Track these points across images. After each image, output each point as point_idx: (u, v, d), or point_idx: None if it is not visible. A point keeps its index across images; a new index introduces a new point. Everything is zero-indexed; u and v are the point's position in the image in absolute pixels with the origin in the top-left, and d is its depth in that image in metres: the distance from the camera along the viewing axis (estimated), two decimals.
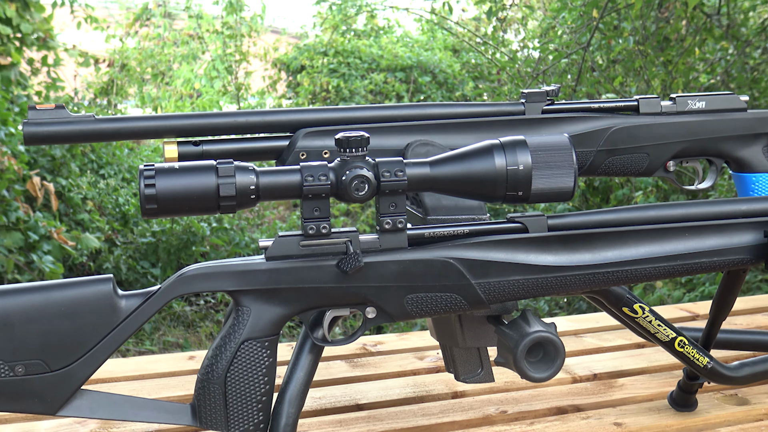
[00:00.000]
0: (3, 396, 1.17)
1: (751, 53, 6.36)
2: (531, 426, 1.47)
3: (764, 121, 1.66)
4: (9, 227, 5.39)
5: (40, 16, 6.87)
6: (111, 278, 1.20)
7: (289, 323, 1.17)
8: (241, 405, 1.20)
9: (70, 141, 1.45)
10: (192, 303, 6.33)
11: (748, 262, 1.28)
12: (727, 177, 4.54)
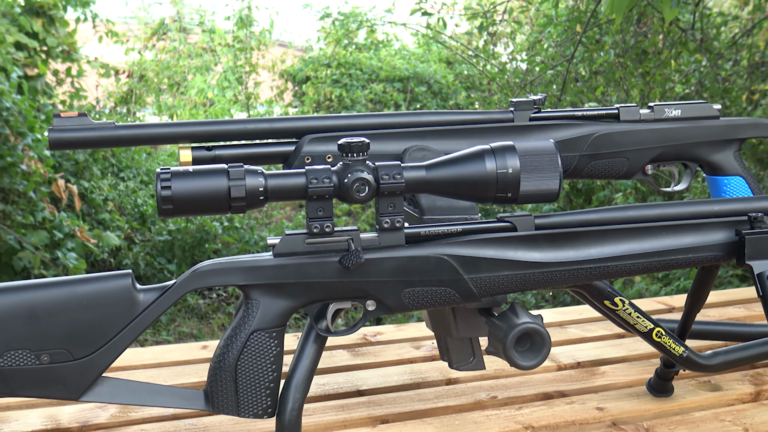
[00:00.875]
0: (29, 383, 1.17)
1: (722, 65, 6.37)
2: (519, 410, 1.47)
3: (735, 127, 1.65)
4: (36, 226, 5.39)
5: (64, 30, 6.87)
6: (130, 273, 1.20)
7: (295, 315, 1.17)
8: (251, 391, 1.20)
9: (92, 146, 1.45)
10: (205, 296, 6.32)
11: (721, 258, 1.28)
12: (701, 180, 4.53)
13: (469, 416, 1.44)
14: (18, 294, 1.18)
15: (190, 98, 10.02)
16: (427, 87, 10.01)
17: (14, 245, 5.13)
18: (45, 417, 1.40)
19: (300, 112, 10.06)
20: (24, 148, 5.32)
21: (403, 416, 1.44)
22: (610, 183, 6.09)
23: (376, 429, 1.39)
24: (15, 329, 1.15)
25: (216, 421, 1.39)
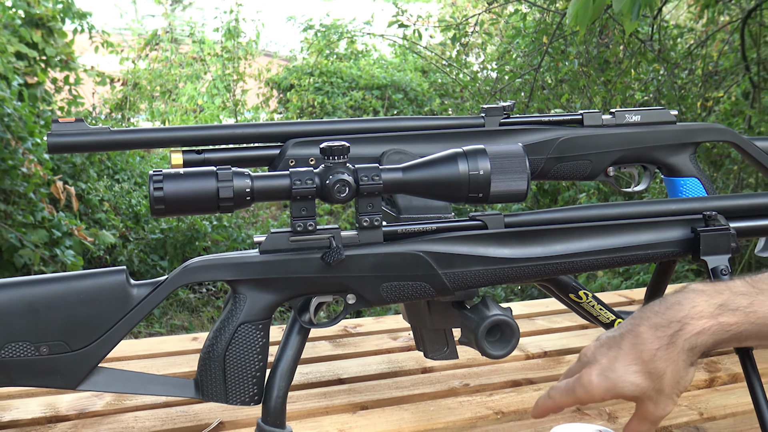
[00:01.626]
0: (30, 373, 1.16)
1: (679, 74, 6.40)
2: (490, 397, 1.47)
3: (690, 132, 1.66)
4: (35, 225, 5.37)
5: (62, 41, 6.85)
6: (124, 269, 1.20)
7: (279, 308, 1.16)
8: (238, 379, 1.20)
9: (89, 150, 1.44)
10: (195, 291, 6.31)
11: (678, 254, 1.28)
12: (659, 181, 4.55)
13: (443, 402, 1.44)
14: (18, 289, 1.17)
15: (181, 105, 10.00)
16: (404, 94, 10.02)
17: (15, 243, 5.11)
18: (44, 405, 1.40)
19: (284, 118, 10.06)
20: (24, 151, 5.31)
21: (382, 403, 1.44)
22: (574, 184, 6.11)
23: (356, 415, 1.39)
24: (16, 322, 1.15)
25: (206, 408, 1.38)
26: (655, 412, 1.03)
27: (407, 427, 1.35)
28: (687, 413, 1.42)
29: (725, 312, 0.99)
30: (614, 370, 1.01)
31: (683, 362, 1.00)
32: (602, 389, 1.02)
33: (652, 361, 1.00)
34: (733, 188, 5.57)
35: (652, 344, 1.00)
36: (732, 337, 1.00)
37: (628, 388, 1.01)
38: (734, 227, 1.26)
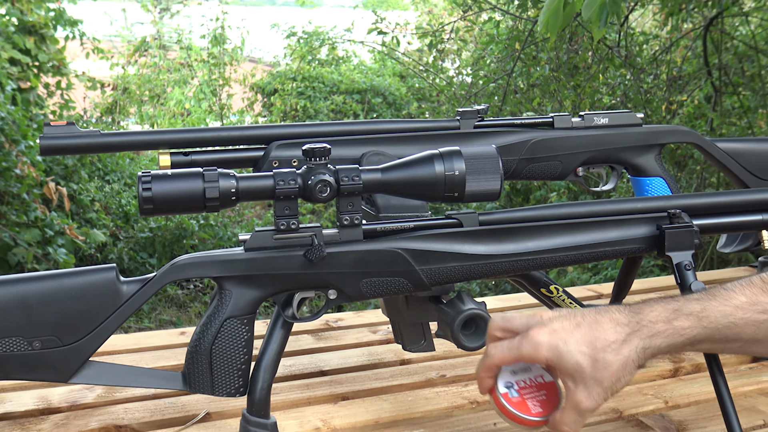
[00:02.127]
0: (23, 367, 1.16)
1: (644, 79, 6.42)
2: (465, 387, 1.47)
3: (656, 134, 1.67)
4: (29, 224, 5.35)
5: (54, 47, 6.83)
6: (114, 267, 1.19)
7: (264, 303, 1.17)
8: (224, 372, 1.20)
9: (80, 152, 1.44)
10: (183, 287, 6.29)
11: (644, 250, 1.29)
12: (625, 180, 4.58)
13: (421, 393, 1.45)
14: (12, 286, 1.16)
15: (169, 109, 9.97)
16: (383, 98, 10.02)
17: (9, 242, 5.09)
18: (37, 398, 1.39)
19: (268, 121, 10.04)
20: (18, 154, 5.30)
21: (362, 393, 1.44)
22: (545, 184, 6.13)
23: (338, 405, 1.39)
24: (9, 318, 1.14)
25: (193, 399, 1.38)
26: (585, 402, 1.00)
27: (386, 417, 1.35)
28: (653, 401, 1.42)
29: (680, 317, 0.99)
30: (566, 343, 0.99)
31: (632, 361, 0.99)
32: (549, 353, 1.00)
33: (603, 350, 0.99)
34: (696, 187, 5.60)
35: (609, 335, 1.00)
36: (686, 341, 1.00)
37: (570, 364, 0.99)
38: (697, 224, 1.27)
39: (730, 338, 0.99)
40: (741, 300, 0.99)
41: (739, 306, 0.98)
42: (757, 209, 1.31)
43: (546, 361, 1.02)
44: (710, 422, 1.34)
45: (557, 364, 1.01)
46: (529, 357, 1.02)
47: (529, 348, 1.01)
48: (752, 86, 5.94)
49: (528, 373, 1.08)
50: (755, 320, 0.97)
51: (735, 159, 1.69)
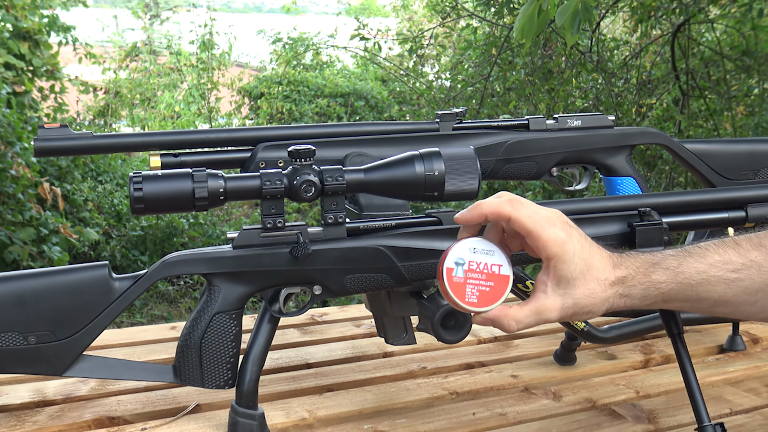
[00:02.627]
0: (18, 361, 1.16)
1: (615, 83, 6.45)
2: (446, 378, 1.48)
3: (626, 135, 1.67)
4: (24, 223, 5.33)
5: (48, 52, 6.81)
6: (107, 264, 1.19)
7: (251, 299, 1.16)
8: (214, 365, 1.20)
9: (73, 153, 1.43)
10: (174, 283, 6.27)
11: (615, 246, 1.29)
12: (598, 180, 4.59)
13: (403, 384, 1.45)
14: (8, 283, 1.16)
15: (159, 112, 9.94)
16: (365, 101, 10.03)
17: (5, 240, 5.07)
18: (32, 390, 1.38)
19: (255, 124, 10.03)
20: (13, 155, 5.28)
21: (346, 385, 1.44)
22: (521, 183, 6.14)
23: (323, 397, 1.39)
24: (5, 314, 1.14)
25: (183, 392, 1.37)
26: (552, 312, 0.98)
27: (370, 408, 1.35)
28: (625, 391, 1.43)
29: (658, 270, 0.99)
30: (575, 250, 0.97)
31: (609, 302, 0.98)
32: (555, 245, 0.96)
33: (595, 279, 0.97)
34: (665, 186, 5.63)
35: (604, 272, 0.98)
36: (659, 295, 0.99)
37: (569, 269, 0.96)
38: (666, 222, 1.27)
39: (702, 296, 0.99)
40: (715, 258, 0.99)
41: (713, 264, 0.99)
42: (722, 207, 1.32)
43: (547, 246, 0.96)
44: (679, 411, 1.34)
45: (556, 261, 0.97)
46: (528, 227, 0.97)
47: (536, 220, 0.97)
48: (718, 90, 5.97)
49: (487, 257, 1.00)
50: (726, 278, 0.98)
51: (702, 159, 1.69)
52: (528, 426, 1.29)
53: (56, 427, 1.26)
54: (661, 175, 5.77)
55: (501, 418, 1.32)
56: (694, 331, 1.72)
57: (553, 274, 0.98)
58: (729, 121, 5.70)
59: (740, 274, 0.98)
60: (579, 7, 3.33)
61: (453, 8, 7.67)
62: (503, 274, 1.00)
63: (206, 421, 1.27)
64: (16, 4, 6.58)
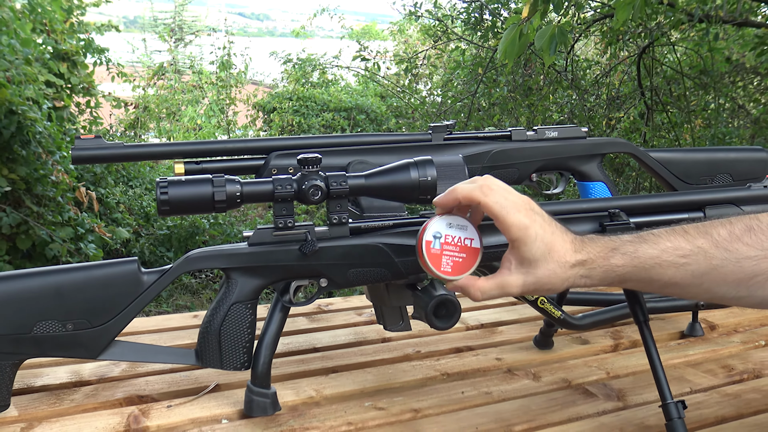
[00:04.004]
0: (57, 346, 1.15)
1: (587, 98, 6.46)
2: (437, 361, 1.47)
3: (598, 145, 1.67)
4: (63, 223, 5.34)
5: (84, 71, 6.81)
6: (136, 260, 1.19)
7: (265, 291, 1.17)
8: (231, 349, 1.19)
9: (106, 161, 1.43)
10: (196, 276, 6.27)
11: None
12: (572, 185, 4.60)
13: (399, 366, 1.44)
14: (49, 277, 1.16)
15: (183, 124, 9.95)
16: (366, 115, 10.04)
17: (46, 239, 5.08)
18: (70, 372, 1.38)
19: (268, 135, 10.04)
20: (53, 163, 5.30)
21: (349, 367, 1.44)
22: None
23: (328, 377, 1.38)
24: (46, 304, 1.14)
25: (204, 373, 1.37)
26: (514, 287, 0.99)
27: (370, 387, 1.35)
28: (596, 372, 1.43)
29: (616, 254, 1.00)
30: (537, 234, 0.98)
31: (569, 282, 0.99)
32: (518, 230, 0.98)
33: (557, 261, 0.99)
34: (632, 190, 5.63)
35: (566, 255, 0.99)
36: (616, 277, 1.00)
37: (532, 251, 0.98)
38: (633, 222, 1.27)
39: (654, 278, 0.99)
40: (666, 245, 0.99)
41: (664, 249, 0.99)
42: (683, 209, 1.31)
43: (511, 230, 0.98)
44: (645, 390, 1.34)
45: (519, 243, 0.99)
46: (495, 212, 0.99)
47: (503, 206, 0.99)
48: (678, 105, 5.98)
49: (461, 231, 1.04)
50: (676, 263, 0.98)
51: (665, 166, 1.69)
52: (511, 403, 1.29)
53: (91, 405, 1.25)
54: (629, 180, 5.78)
55: (486, 396, 1.32)
56: (658, 318, 1.72)
57: (517, 254, 1.00)
58: (688, 133, 5.71)
59: (688, 259, 0.98)
60: (555, 32, 3.34)
61: (444, 32, 7.68)
62: (474, 247, 1.05)
63: (225, 399, 1.27)
64: (56, 29, 6.60)
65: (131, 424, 1.18)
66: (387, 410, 1.25)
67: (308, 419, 1.21)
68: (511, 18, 3.81)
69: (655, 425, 1.21)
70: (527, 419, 1.23)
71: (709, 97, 5.93)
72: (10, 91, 5.02)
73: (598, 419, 1.24)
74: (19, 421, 1.19)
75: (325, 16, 11.79)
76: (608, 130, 6.29)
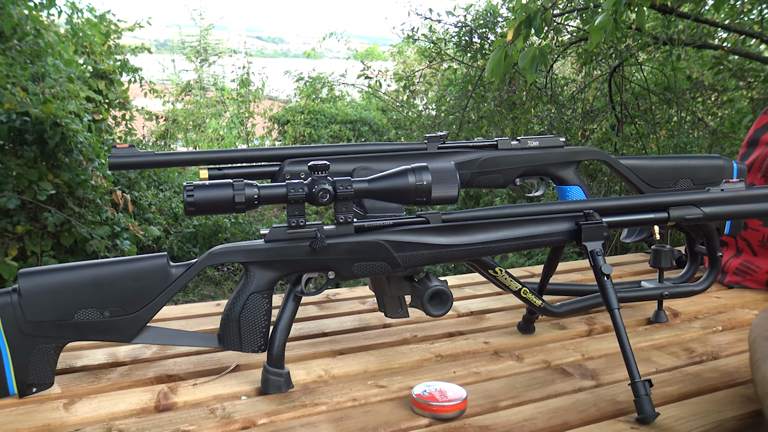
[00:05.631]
0: (96, 331, 1.15)
1: (565, 112, 6.45)
2: (432, 345, 1.47)
3: (574, 153, 1.67)
4: (101, 223, 5.35)
5: (120, 88, 6.85)
6: (166, 255, 1.19)
7: (279, 282, 1.17)
8: (250, 334, 1.19)
9: (139, 168, 1.43)
10: (219, 269, 6.27)
11: (566, 241, 1.29)
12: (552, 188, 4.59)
13: (398, 349, 1.44)
14: (88, 270, 1.16)
15: (207, 135, 9.95)
16: (369, 127, 10.04)
17: (87, 236, 5.09)
18: (107, 354, 1.38)
19: (282, 144, 10.05)
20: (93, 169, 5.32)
21: (354, 350, 1.44)
22: (491, 191, 6.14)
23: (336, 359, 1.38)
24: (86, 294, 1.14)
25: (226, 355, 1.37)
26: None
27: (372, 367, 1.34)
28: (573, 354, 1.42)
29: None
30: None
31: None
32: None
33: None
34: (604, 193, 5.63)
35: None
36: None
37: None
38: (606, 221, 1.27)
39: None
40: None
41: None
42: (650, 210, 1.31)
43: None
44: (616, 370, 1.34)
45: None
46: None
47: None
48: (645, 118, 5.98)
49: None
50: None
51: (634, 172, 1.69)
52: (497, 382, 1.29)
53: (126, 383, 1.25)
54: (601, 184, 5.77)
55: (475, 375, 1.31)
56: (627, 306, 1.72)
57: None
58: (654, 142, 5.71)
59: None
60: (536, 53, 3.34)
61: (438, 54, 7.68)
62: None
63: (244, 378, 1.27)
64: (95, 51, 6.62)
65: (161, 400, 1.17)
66: (387, 387, 1.24)
67: (318, 396, 1.21)
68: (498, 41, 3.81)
69: (624, 401, 1.20)
70: (512, 396, 1.22)
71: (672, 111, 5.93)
72: (55, 105, 5.03)
73: (575, 396, 1.23)
74: (62, 397, 1.19)
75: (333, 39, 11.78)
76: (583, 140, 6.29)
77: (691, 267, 1.78)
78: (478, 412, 1.17)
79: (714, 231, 1.62)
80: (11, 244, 5.02)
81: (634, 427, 1.12)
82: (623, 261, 2.20)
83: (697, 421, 1.14)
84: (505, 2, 6.70)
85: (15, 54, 5.20)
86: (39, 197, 4.99)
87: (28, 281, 1.13)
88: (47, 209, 5.10)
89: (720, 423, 1.14)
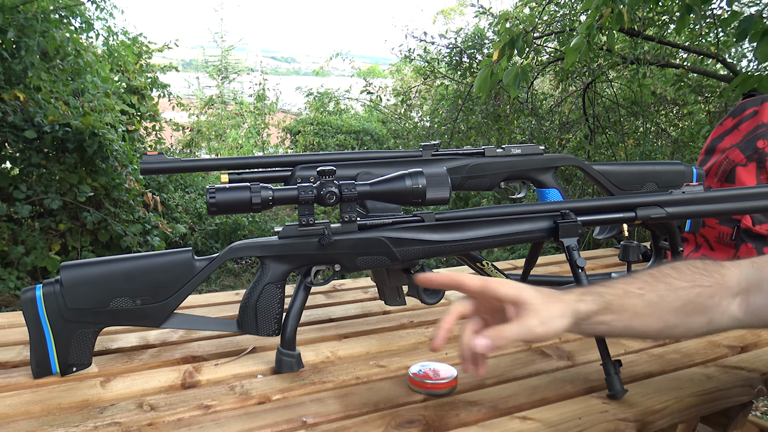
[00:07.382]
0: (129, 317, 1.15)
1: (544, 123, 6.45)
2: (427, 329, 1.47)
3: (552, 160, 1.67)
4: (134, 221, 5.35)
5: (150, 102, 6.84)
6: (191, 249, 1.18)
7: (291, 274, 1.16)
8: (265, 320, 1.19)
9: (167, 173, 1.42)
10: (238, 263, 6.27)
11: (545, 237, 1.28)
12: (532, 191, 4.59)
13: (397, 333, 1.44)
14: (122, 263, 1.15)
15: (228, 144, 9.95)
16: (371, 136, 10.04)
17: (121, 233, 5.08)
18: (139, 337, 1.38)
19: (294, 152, 10.05)
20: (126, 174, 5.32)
21: (357, 334, 1.44)
22: (479, 193, 6.15)
23: (341, 342, 1.38)
24: (120, 284, 1.14)
25: (244, 339, 1.37)
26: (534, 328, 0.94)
27: (374, 349, 1.34)
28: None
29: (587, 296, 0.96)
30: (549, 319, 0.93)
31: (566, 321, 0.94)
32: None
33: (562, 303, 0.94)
34: (578, 195, 5.63)
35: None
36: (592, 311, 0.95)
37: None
38: (580, 220, 1.27)
39: (626, 308, 0.95)
40: (624, 283, 0.97)
41: (625, 285, 0.96)
42: (619, 210, 1.31)
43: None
44: (590, 351, 1.34)
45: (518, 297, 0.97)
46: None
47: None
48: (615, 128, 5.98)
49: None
50: (636, 293, 0.95)
51: (605, 176, 1.69)
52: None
53: (155, 363, 1.25)
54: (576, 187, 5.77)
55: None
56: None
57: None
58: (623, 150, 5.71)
59: (644, 290, 0.96)
60: (519, 71, 3.33)
61: (431, 72, 7.68)
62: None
63: (260, 359, 1.26)
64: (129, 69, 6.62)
65: (186, 379, 1.17)
66: (386, 367, 1.24)
67: (325, 374, 1.20)
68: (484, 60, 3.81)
69: (596, 379, 1.20)
70: (497, 374, 1.22)
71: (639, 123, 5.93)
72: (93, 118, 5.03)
73: (553, 374, 1.23)
74: (99, 376, 1.19)
75: (339, 59, 11.80)
76: (560, 148, 6.29)
77: (656, 261, 1.78)
78: (467, 389, 1.16)
79: (676, 228, 1.61)
80: (54, 240, 5.02)
81: (605, 402, 1.12)
82: (596, 255, 2.20)
83: (661, 396, 1.14)
84: (491, 26, 6.70)
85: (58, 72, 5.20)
86: (79, 198, 4.99)
87: (69, 273, 1.13)
88: (86, 209, 5.10)
89: (680, 398, 1.13)
